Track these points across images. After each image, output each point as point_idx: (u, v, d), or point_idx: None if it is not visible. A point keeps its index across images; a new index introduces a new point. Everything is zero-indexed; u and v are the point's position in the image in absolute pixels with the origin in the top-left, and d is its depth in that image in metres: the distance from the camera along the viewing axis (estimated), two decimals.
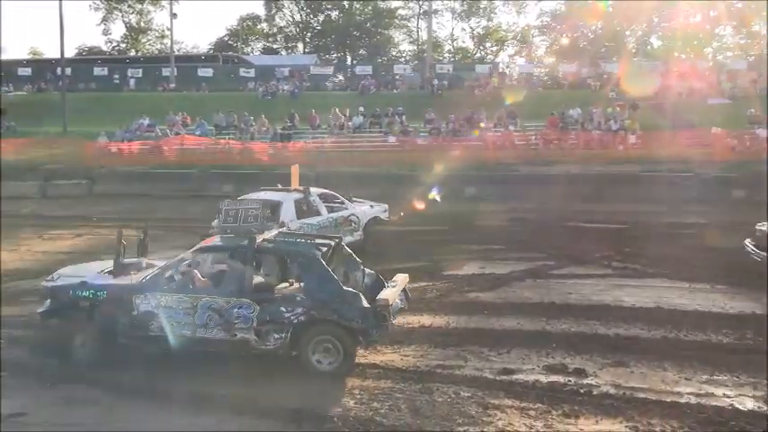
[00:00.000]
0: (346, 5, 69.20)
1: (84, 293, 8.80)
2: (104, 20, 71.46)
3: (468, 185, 23.84)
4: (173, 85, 47.70)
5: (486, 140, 30.73)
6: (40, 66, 54.01)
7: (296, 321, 8.29)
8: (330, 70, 50.68)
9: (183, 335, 8.47)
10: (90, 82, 49.34)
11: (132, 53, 68.78)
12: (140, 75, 49.74)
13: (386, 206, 16.50)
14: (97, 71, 51.19)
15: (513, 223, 19.11)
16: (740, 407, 7.41)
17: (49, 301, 8.98)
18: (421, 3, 66.05)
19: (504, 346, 9.22)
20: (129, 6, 71.33)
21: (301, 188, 15.15)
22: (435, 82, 42.92)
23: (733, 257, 13.72)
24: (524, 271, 13.57)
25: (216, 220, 10.70)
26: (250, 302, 8.39)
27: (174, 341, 8.46)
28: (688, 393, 7.76)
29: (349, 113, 34.00)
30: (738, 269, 12.96)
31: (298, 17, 71.67)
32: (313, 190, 15.22)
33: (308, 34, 71.77)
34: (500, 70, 50.22)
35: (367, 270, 9.56)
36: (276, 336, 8.32)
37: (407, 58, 68.07)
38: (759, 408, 7.40)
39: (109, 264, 9.68)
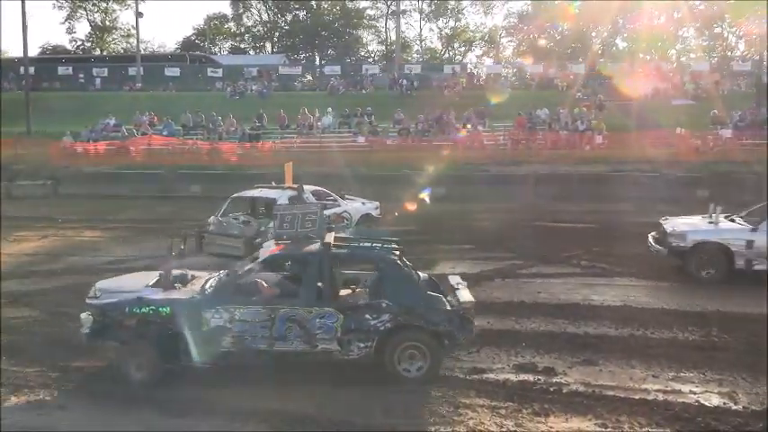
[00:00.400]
0: (314, 5, 69.00)
1: (142, 310, 8.04)
2: (68, 18, 70.39)
3: (438, 185, 23.90)
4: (139, 85, 47.12)
5: (454, 140, 30.88)
6: (3, 65, 52.88)
7: (382, 329, 8.00)
8: (299, 70, 50.50)
9: (259, 349, 8.02)
10: (54, 81, 48.55)
11: (97, 52, 67.78)
12: (106, 74, 49.06)
13: (377, 203, 16.57)
14: (62, 70, 50.40)
15: (482, 223, 19.21)
16: (706, 403, 7.55)
17: (93, 320, 8.10)
18: (389, 3, 66.20)
19: (474, 345, 9.25)
20: (94, 5, 70.29)
21: (295, 185, 15.20)
22: (404, 82, 43.02)
23: None
24: (494, 270, 13.65)
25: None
26: (333, 311, 8.03)
27: (250, 356, 8.05)
28: (655, 390, 7.89)
29: (318, 113, 33.94)
30: None
31: (265, 17, 71.36)
32: (306, 187, 15.26)
33: (276, 34, 71.45)
34: (468, 71, 50.54)
35: (420, 273, 9.27)
36: (361, 345, 8.02)
37: (376, 58, 68.11)
38: (725, 404, 7.55)
39: (148, 276, 9.10)
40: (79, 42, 71.61)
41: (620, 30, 63.41)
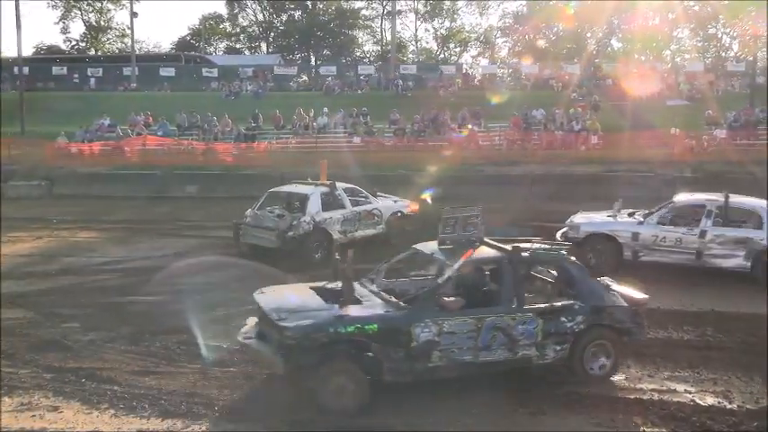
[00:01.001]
0: (309, 5, 69.06)
1: (347, 329, 7.38)
2: (63, 18, 70.34)
3: (435, 185, 23.90)
4: (134, 85, 47.11)
5: (450, 141, 30.91)
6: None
7: (577, 330, 8.07)
8: (294, 70, 50.57)
9: (464, 361, 7.74)
10: (49, 81, 48.50)
11: (92, 52, 67.68)
12: (100, 74, 49.05)
13: (408, 201, 16.71)
14: (56, 70, 50.35)
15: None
16: (701, 402, 7.59)
17: (288, 344, 7.31)
18: (385, 3, 66.29)
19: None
20: (89, 4, 70.24)
21: (328, 182, 15.69)
22: (400, 82, 43.06)
23: None
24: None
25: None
26: (533, 316, 7.95)
27: (456, 369, 7.75)
28: (651, 390, 7.92)
29: (313, 114, 33.93)
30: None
31: (261, 17, 71.38)
32: (339, 184, 15.72)
33: (272, 34, 71.46)
34: (464, 71, 50.61)
35: None
36: (557, 348, 8.02)
37: (372, 58, 68.12)
38: (719, 403, 7.58)
39: (302, 290, 8.62)
40: (74, 42, 71.68)
41: (615, 30, 63.64)
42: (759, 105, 33.91)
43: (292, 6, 69.52)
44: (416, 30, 70.09)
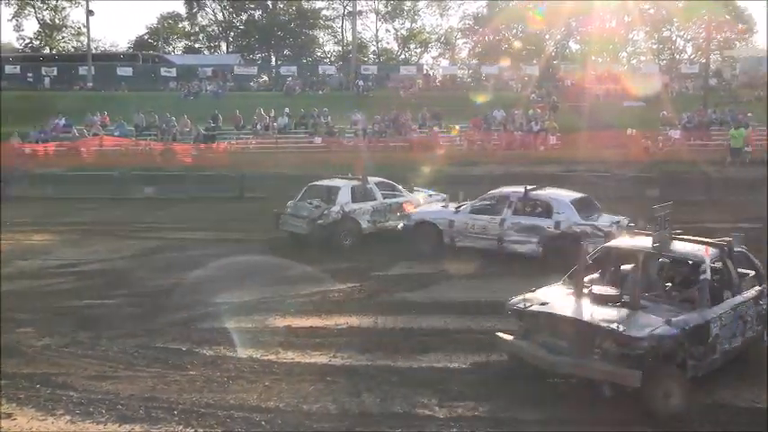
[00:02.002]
0: (270, 5, 68.61)
1: (675, 332, 7.31)
2: (16, 16, 68.63)
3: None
4: (90, 85, 46.23)
5: (411, 141, 31.04)
6: None
7: (764, 312, 8.75)
8: (254, 70, 50.16)
9: (725, 350, 8.01)
10: (1, 80, 47.28)
11: (47, 51, 66.27)
12: (55, 73, 48.02)
13: (445, 196, 16.89)
14: (9, 69, 49.10)
15: None
16: None
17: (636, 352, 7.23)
18: (345, 4, 66.19)
19: (432, 344, 9.33)
20: (43, 2, 68.72)
21: (360, 176, 16.91)
22: (360, 83, 43.04)
23: None
24: (452, 270, 13.71)
25: None
26: (752, 303, 8.55)
27: (721, 359, 7.99)
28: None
29: (274, 114, 33.74)
30: None
31: (220, 16, 70.65)
32: (371, 179, 16.87)
33: (232, 34, 70.81)
34: (424, 72, 50.82)
35: None
36: (758, 328, 8.65)
37: (332, 58, 67.97)
38: None
39: (560, 290, 8.55)
40: (27, 41, 69.97)
41: (572, 32, 64.42)
42: (712, 107, 34.70)
43: (252, 6, 68.97)
44: (377, 30, 70.19)
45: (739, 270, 8.81)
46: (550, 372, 7.88)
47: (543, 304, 8.10)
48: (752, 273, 9.00)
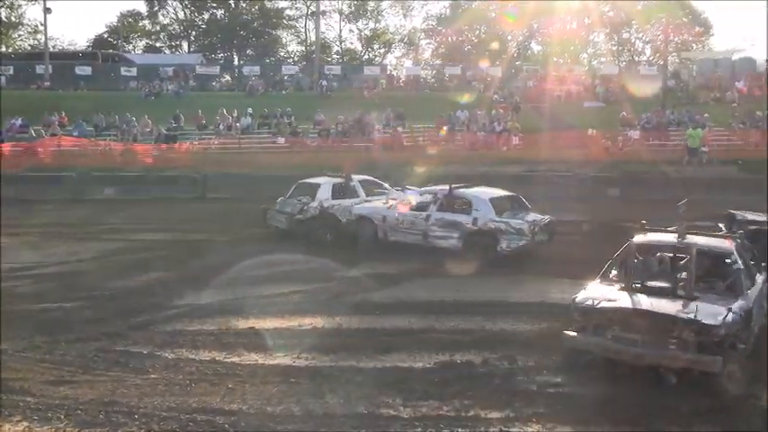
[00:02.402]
0: (232, 4, 68.01)
1: (737, 320, 7.87)
2: None
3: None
4: (48, 84, 45.29)
5: (375, 141, 31.07)
6: None
7: None
8: (216, 70, 49.64)
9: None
10: None
11: (3, 49, 64.78)
12: (11, 72, 46.92)
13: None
14: None
15: None
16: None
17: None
18: (309, 3, 65.91)
19: (396, 344, 9.34)
20: None
21: (344, 174, 17.69)
22: (324, 83, 42.93)
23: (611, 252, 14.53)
24: (414, 270, 13.77)
25: None
26: None
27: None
28: (569, 383, 8.11)
29: (237, 114, 33.48)
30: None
31: (182, 15, 69.79)
32: (355, 177, 17.64)
33: (193, 33, 70.03)
34: (388, 72, 50.88)
35: None
36: None
37: (296, 58, 67.66)
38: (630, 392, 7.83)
39: (617, 291, 8.63)
40: None
41: (534, 34, 65.05)
42: (670, 108, 35.35)
43: (214, 5, 68.25)
44: (341, 30, 70.01)
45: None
46: (630, 364, 8.01)
47: (611, 300, 8.33)
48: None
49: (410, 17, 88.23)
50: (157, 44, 70.91)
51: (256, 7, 67.79)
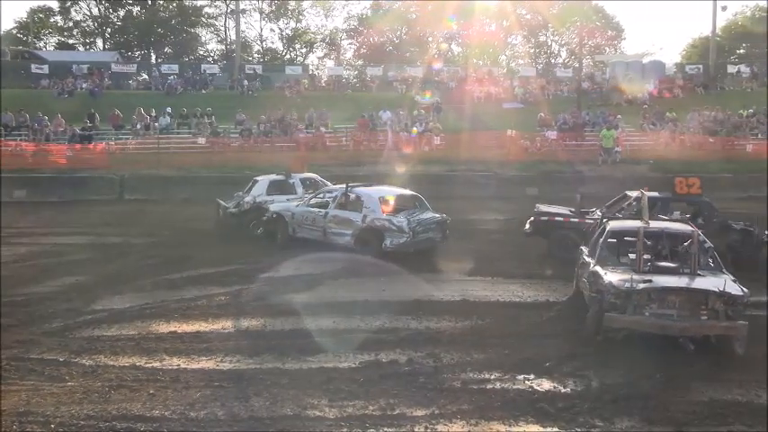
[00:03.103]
0: (149, 1, 66.35)
1: None
2: None
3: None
4: None
5: (297, 141, 30.90)
6: None
7: None
8: (133, 68, 48.34)
9: None
10: None
11: None
12: None
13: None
14: None
15: None
16: (539, 388, 8.03)
17: None
18: (228, 2, 64.93)
19: (321, 345, 9.33)
20: None
21: (284, 172, 18.35)
22: (245, 82, 42.40)
23: (529, 250, 15.00)
24: (339, 270, 13.78)
25: None
26: None
27: None
28: (493, 379, 8.28)
29: (155, 114, 32.69)
30: (533, 261, 14.15)
31: (96, 11, 67.62)
32: (295, 175, 18.36)
33: (108, 30, 67.95)
34: (310, 72, 50.69)
35: None
36: None
37: (216, 57, 66.56)
38: (554, 387, 8.05)
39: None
40: None
41: (454, 35, 65.97)
42: (585, 109, 36.50)
43: (130, 2, 66.49)
44: (261, 29, 69.38)
45: None
46: (673, 335, 8.97)
47: (647, 281, 9.16)
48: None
49: (331, 17, 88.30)
50: (70, 41, 68.50)
51: (174, 4, 66.36)
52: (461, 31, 64.47)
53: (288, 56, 68.81)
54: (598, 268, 9.83)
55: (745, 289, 9.13)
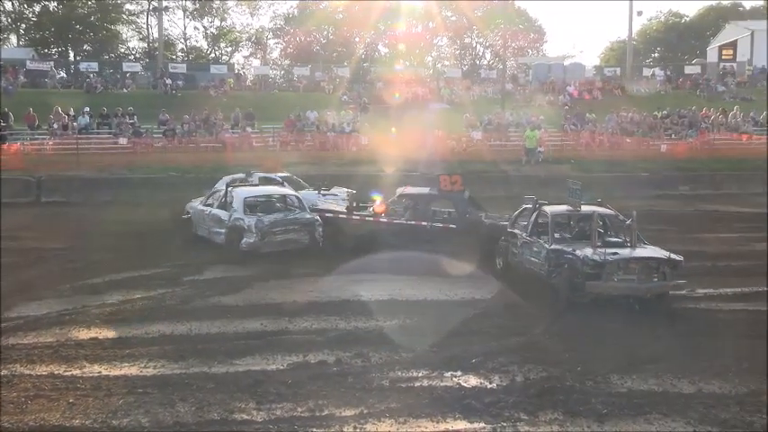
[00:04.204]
0: None
1: None
2: None
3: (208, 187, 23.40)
4: None
5: (223, 142, 30.46)
6: None
7: None
8: (50, 66, 46.60)
9: None
10: None
11: None
12: None
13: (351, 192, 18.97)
14: None
15: None
16: (465, 384, 8.17)
17: None
18: None
19: (249, 348, 9.23)
20: None
21: (244, 174, 18.58)
22: (168, 81, 41.49)
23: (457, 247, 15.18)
24: (267, 272, 13.66)
25: None
26: None
27: None
28: (421, 377, 8.36)
29: (73, 113, 31.63)
30: (461, 258, 14.36)
31: (9, 6, 64.89)
32: (257, 173, 18.83)
33: (23, 26, 65.36)
34: (236, 71, 49.99)
35: None
36: None
37: (138, 55, 64.89)
38: (481, 383, 8.20)
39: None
40: None
41: (381, 36, 66.26)
42: (509, 110, 37.24)
43: None
44: (185, 27, 67.92)
45: None
46: (638, 296, 10.91)
47: (614, 254, 10.95)
48: None
49: (257, 16, 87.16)
50: None
51: (92, 1, 64.35)
52: (388, 32, 64.83)
53: (213, 54, 67.69)
54: (559, 246, 11.60)
55: (680, 256, 11.05)
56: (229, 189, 15.81)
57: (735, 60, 51.22)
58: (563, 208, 12.59)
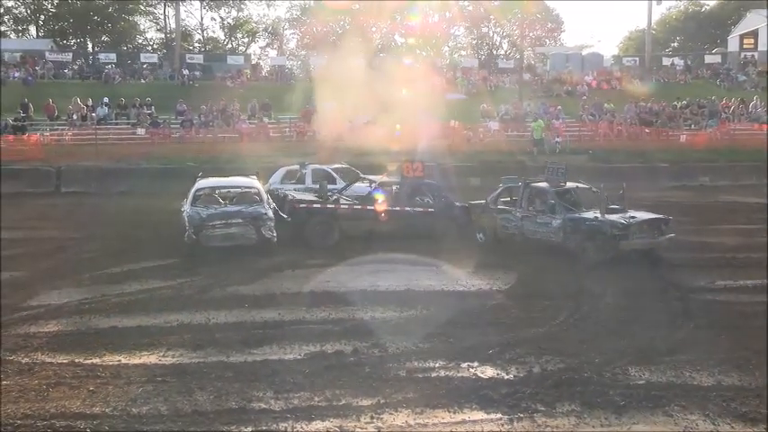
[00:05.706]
0: None
1: None
2: None
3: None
4: None
5: (241, 132, 30.54)
6: None
7: None
8: (69, 57, 46.89)
9: None
10: None
11: None
12: None
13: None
14: None
15: None
16: (482, 375, 8.16)
17: None
18: None
19: (266, 337, 9.28)
20: None
21: (298, 165, 20.00)
22: (186, 72, 41.64)
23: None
24: (284, 262, 13.70)
25: None
26: None
27: None
28: (438, 368, 8.36)
29: (92, 104, 31.85)
30: (477, 250, 14.30)
31: None
32: (311, 165, 19.99)
33: (42, 17, 65.76)
34: (252, 62, 50.04)
35: None
36: None
37: (155, 46, 65.14)
38: (498, 374, 8.19)
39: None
40: None
41: (397, 26, 65.99)
42: (526, 100, 37.03)
43: None
44: (202, 18, 68.07)
45: None
46: (652, 249, 13.76)
47: (633, 217, 13.53)
48: None
49: (274, 6, 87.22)
50: (2, 28, 66.09)
51: None
52: (404, 22, 64.53)
53: (229, 45, 67.79)
54: (576, 214, 13.86)
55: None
56: (197, 179, 15.88)
57: (756, 49, 50.45)
58: (545, 185, 14.81)
